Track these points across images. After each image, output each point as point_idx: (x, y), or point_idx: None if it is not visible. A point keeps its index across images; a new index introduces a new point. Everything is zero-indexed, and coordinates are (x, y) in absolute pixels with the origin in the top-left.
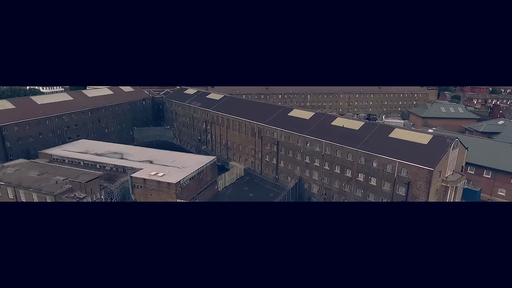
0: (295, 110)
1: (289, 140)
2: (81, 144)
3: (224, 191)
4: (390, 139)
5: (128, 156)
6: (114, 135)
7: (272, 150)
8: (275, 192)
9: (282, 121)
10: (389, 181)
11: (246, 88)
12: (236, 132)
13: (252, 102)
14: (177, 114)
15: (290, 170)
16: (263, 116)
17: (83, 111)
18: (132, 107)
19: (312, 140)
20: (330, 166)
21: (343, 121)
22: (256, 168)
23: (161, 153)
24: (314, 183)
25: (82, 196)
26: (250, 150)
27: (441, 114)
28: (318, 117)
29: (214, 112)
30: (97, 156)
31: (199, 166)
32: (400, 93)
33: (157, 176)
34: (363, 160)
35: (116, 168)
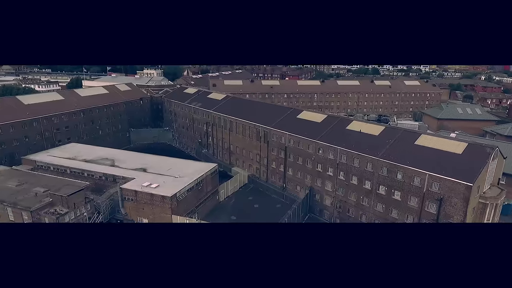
0: (304, 112)
1: (299, 146)
2: (70, 149)
3: (226, 202)
4: (416, 147)
5: (120, 163)
6: (109, 138)
7: (279, 156)
8: (282, 203)
9: (291, 124)
10: (416, 196)
11: (249, 87)
12: (240, 136)
13: (256, 103)
14: (176, 114)
15: (299, 179)
16: (269, 119)
17: (75, 112)
18: (128, 107)
19: (325, 147)
20: (346, 176)
21: (360, 125)
22: (261, 176)
23: (156, 159)
24: (326, 195)
25: (63, 211)
26: (255, 156)
27: (457, 116)
28: (331, 121)
29: (215, 113)
30: (86, 163)
31: (198, 176)
32: (412, 92)
33: (150, 187)
34: (385, 171)
35: (105, 177)
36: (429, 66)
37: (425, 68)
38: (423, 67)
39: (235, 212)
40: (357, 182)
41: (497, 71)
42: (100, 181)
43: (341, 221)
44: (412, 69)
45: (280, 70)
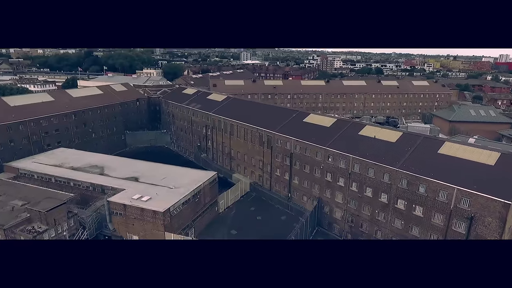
0: (311, 115)
1: (306, 153)
2: (57, 155)
3: (226, 213)
4: (440, 157)
5: (110, 170)
6: (103, 141)
7: (284, 163)
8: (287, 214)
9: (297, 128)
10: (442, 213)
11: (251, 88)
12: (241, 140)
13: (259, 105)
14: (174, 116)
15: (306, 188)
16: (273, 122)
17: (66, 114)
18: (124, 108)
19: (335, 154)
20: (359, 188)
21: (375, 131)
22: (264, 183)
23: (150, 166)
24: (337, 207)
25: (42, 229)
26: (258, 162)
27: (470, 118)
28: (341, 125)
29: (215, 115)
30: (73, 171)
31: (195, 186)
32: (421, 93)
33: (141, 201)
34: (405, 183)
35: (93, 188)
36: (433, 66)
37: (429, 68)
38: (427, 66)
39: (236, 225)
40: (372, 194)
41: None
42: (87, 191)
43: (353, 237)
44: (416, 69)
45: (283, 69)
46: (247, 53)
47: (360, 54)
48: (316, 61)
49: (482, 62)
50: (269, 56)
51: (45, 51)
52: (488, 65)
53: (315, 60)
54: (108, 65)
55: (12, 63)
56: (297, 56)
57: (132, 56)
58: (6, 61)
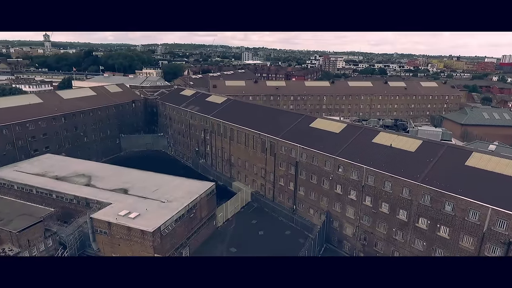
0: (319, 120)
1: (313, 162)
2: (42, 162)
3: (225, 227)
4: (469, 170)
5: (97, 180)
6: (96, 145)
7: (288, 172)
8: (292, 228)
9: (303, 134)
10: (472, 235)
11: (253, 89)
12: (242, 146)
13: (261, 108)
14: (172, 119)
15: (313, 201)
16: (276, 127)
17: (55, 117)
18: (119, 110)
19: (346, 164)
20: (374, 202)
21: (390, 138)
22: (267, 193)
23: (141, 176)
24: (348, 223)
25: (13, 251)
26: (260, 170)
27: (483, 121)
28: (352, 131)
29: (214, 119)
30: (56, 181)
31: (190, 200)
32: (429, 95)
33: (128, 218)
34: (428, 200)
35: (76, 201)
36: (436, 66)
37: (432, 69)
38: (431, 67)
39: (235, 241)
40: (389, 210)
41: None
42: (70, 204)
43: (365, 256)
44: (419, 69)
45: (285, 70)
46: (248, 53)
47: (362, 55)
48: (318, 61)
49: (486, 62)
50: (271, 56)
51: (45, 51)
52: (492, 66)
53: (318, 60)
54: (108, 65)
55: (11, 63)
56: (299, 56)
57: (132, 56)
58: (4, 60)
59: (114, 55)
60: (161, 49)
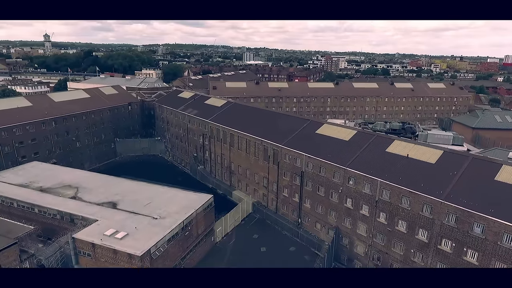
0: (326, 125)
1: (320, 172)
2: (28, 171)
3: (224, 243)
4: (500, 186)
5: (85, 192)
6: (89, 150)
7: (293, 182)
8: (297, 244)
9: (308, 141)
10: (507, 263)
11: (254, 90)
12: (243, 153)
13: (264, 112)
14: (169, 123)
15: (320, 214)
16: (280, 133)
17: (44, 121)
18: (114, 113)
19: (358, 176)
20: (389, 220)
21: (407, 148)
22: (269, 204)
23: (133, 187)
24: (359, 240)
25: None
26: (262, 179)
27: (496, 125)
28: (363, 138)
29: (213, 123)
30: (40, 194)
31: (185, 217)
32: (437, 96)
33: (115, 238)
34: (453, 220)
35: (60, 216)
36: (439, 67)
37: (436, 69)
38: (434, 67)
39: (235, 259)
40: (407, 229)
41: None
42: (53, 220)
43: None
44: (422, 69)
45: (287, 70)
46: (250, 53)
47: (363, 55)
48: (320, 62)
49: (489, 63)
50: (272, 57)
51: (46, 51)
52: (495, 66)
53: (320, 60)
54: (107, 65)
55: (9, 63)
56: (300, 57)
57: (132, 56)
58: (3, 61)
59: (114, 56)
60: (162, 49)
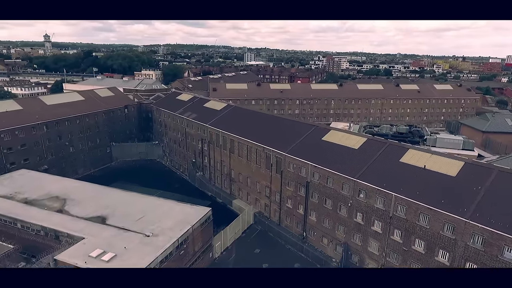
0: (333, 132)
1: (328, 183)
2: (14, 180)
3: (223, 259)
4: None
5: (73, 205)
6: (84, 155)
7: (298, 193)
8: (302, 260)
9: (314, 149)
10: None
11: (255, 92)
12: (243, 160)
13: (266, 117)
14: (167, 127)
15: (327, 229)
16: (283, 139)
17: (35, 126)
18: (109, 116)
19: (369, 190)
20: (405, 238)
21: (423, 158)
22: (271, 215)
23: (125, 198)
24: (371, 259)
25: None
26: (264, 188)
27: (507, 128)
28: (374, 147)
29: (212, 128)
30: (24, 207)
31: (181, 234)
32: (444, 98)
33: (101, 261)
34: (480, 242)
35: (44, 232)
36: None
37: (438, 69)
38: (436, 68)
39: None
40: (425, 250)
41: None
42: (37, 237)
43: None
44: (425, 70)
45: (288, 71)
46: (251, 53)
47: (365, 55)
48: (322, 62)
49: (492, 63)
50: (273, 57)
51: (46, 51)
52: (498, 66)
53: (321, 61)
54: (107, 66)
55: (8, 64)
56: (301, 57)
57: (132, 57)
58: (2, 61)
59: (114, 56)
60: (163, 49)
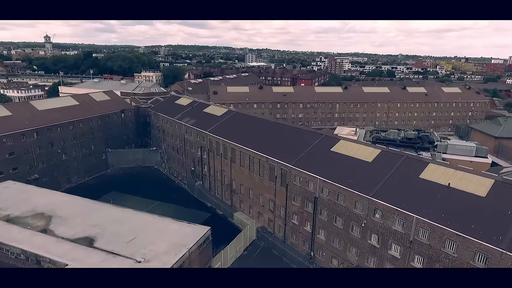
0: (342, 142)
1: (338, 200)
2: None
3: None
4: None
5: (59, 223)
6: (77, 163)
7: (305, 209)
8: None
9: (323, 161)
10: None
11: (257, 95)
12: (245, 170)
13: (270, 124)
14: (165, 132)
15: (337, 249)
16: (289, 150)
17: (25, 133)
18: (105, 122)
19: (387, 209)
20: (428, 266)
21: (445, 173)
22: (276, 231)
23: (117, 215)
24: None
25: None
26: (267, 202)
27: None
28: (390, 160)
29: (212, 136)
30: (6, 225)
31: (176, 259)
32: (453, 101)
33: None
34: None
35: (25, 257)
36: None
37: (441, 70)
38: (439, 68)
39: None
40: None
41: None
42: (17, 261)
43: None
44: (428, 71)
45: (291, 73)
46: (252, 54)
47: (366, 56)
48: (324, 63)
49: (495, 64)
50: (275, 58)
51: (46, 52)
52: (501, 67)
53: (323, 62)
54: (107, 67)
55: (7, 65)
56: (303, 58)
57: (132, 58)
58: (1, 63)
59: (114, 57)
60: (164, 50)
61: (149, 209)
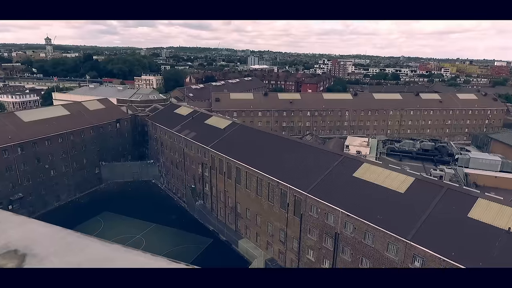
0: (366, 166)
1: (365, 239)
2: None
3: None
4: None
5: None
6: (67, 179)
7: (323, 245)
8: None
9: (345, 189)
10: None
11: (262, 103)
12: (252, 193)
13: (280, 140)
14: (163, 145)
15: None
16: (303, 172)
17: (7, 148)
18: (98, 133)
19: (431, 258)
20: None
21: (502, 212)
22: (287, 266)
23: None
24: None
25: None
26: (278, 231)
27: None
28: (428, 191)
29: (214, 152)
30: None
31: None
32: (469, 109)
33: None
34: None
35: None
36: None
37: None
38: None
39: None
40: None
41: None
42: None
43: None
44: (433, 74)
45: (295, 76)
46: (254, 56)
47: (368, 58)
48: (327, 66)
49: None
50: (277, 60)
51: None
52: (506, 70)
53: (326, 64)
54: (107, 70)
55: (6, 68)
56: (305, 60)
57: (132, 61)
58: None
59: (114, 60)
60: (166, 52)
61: (144, 233)
